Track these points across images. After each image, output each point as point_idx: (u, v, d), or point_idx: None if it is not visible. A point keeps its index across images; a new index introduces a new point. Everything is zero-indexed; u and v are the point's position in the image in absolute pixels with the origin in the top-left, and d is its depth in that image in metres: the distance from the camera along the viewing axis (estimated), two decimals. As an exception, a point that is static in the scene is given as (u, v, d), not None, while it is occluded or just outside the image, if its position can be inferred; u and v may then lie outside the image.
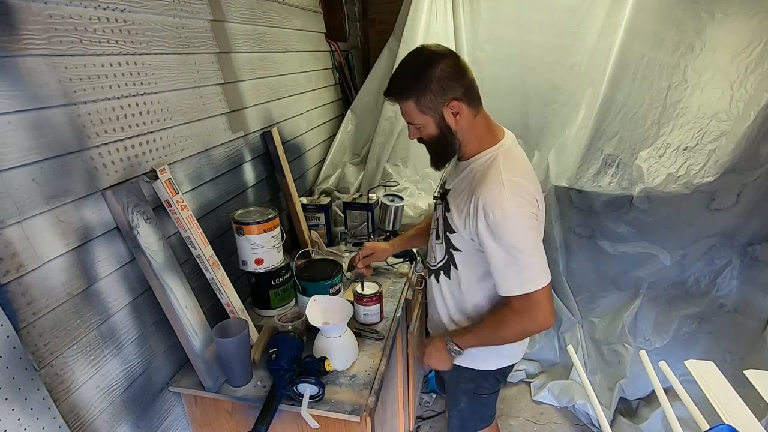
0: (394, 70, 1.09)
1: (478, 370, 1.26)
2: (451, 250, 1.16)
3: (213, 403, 1.17)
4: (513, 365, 1.30)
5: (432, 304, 1.32)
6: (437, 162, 1.17)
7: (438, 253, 1.22)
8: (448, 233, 1.15)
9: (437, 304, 1.28)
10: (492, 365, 1.26)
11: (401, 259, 1.74)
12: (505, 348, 1.23)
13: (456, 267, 1.17)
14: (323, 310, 1.22)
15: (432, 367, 1.22)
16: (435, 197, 1.26)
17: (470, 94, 1.05)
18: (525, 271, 1.02)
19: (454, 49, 1.73)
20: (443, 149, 1.12)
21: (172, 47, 1.17)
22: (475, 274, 1.15)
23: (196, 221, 1.16)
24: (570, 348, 1.44)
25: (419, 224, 1.54)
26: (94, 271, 0.94)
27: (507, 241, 1.00)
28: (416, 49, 1.07)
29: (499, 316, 1.10)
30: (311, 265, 1.47)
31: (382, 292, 1.41)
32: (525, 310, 1.04)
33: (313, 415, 1.05)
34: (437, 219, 1.22)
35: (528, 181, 1.06)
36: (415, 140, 1.14)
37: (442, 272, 1.22)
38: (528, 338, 1.29)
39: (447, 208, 1.15)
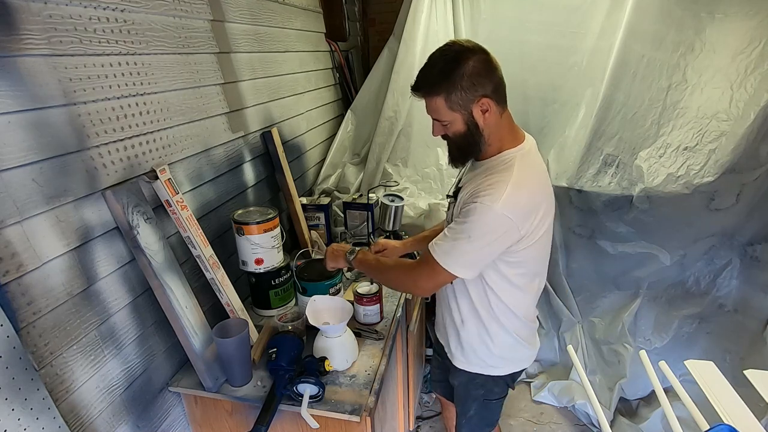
0: (423, 65, 1.05)
1: (489, 376, 1.25)
2: None
3: (213, 403, 1.18)
4: (523, 370, 1.29)
5: (444, 306, 1.29)
6: (459, 160, 1.13)
7: None
8: None
9: (449, 302, 1.25)
10: (503, 371, 1.25)
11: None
12: (516, 353, 1.22)
13: None
14: (323, 310, 1.22)
15: (329, 265, 1.32)
16: (448, 196, 1.24)
17: (499, 92, 1.02)
18: (457, 250, 1.02)
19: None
20: (468, 147, 1.08)
21: (172, 47, 1.17)
22: None
23: (196, 221, 1.16)
24: (570, 348, 1.43)
25: (434, 226, 1.53)
26: (94, 271, 0.94)
27: (468, 227, 0.99)
28: (446, 45, 1.03)
29: (402, 260, 1.21)
30: (311, 265, 1.47)
31: (382, 292, 1.41)
32: (422, 270, 1.08)
33: (313, 415, 1.05)
34: (450, 216, 1.20)
35: (534, 194, 1.03)
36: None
37: None
38: (537, 343, 1.28)
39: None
